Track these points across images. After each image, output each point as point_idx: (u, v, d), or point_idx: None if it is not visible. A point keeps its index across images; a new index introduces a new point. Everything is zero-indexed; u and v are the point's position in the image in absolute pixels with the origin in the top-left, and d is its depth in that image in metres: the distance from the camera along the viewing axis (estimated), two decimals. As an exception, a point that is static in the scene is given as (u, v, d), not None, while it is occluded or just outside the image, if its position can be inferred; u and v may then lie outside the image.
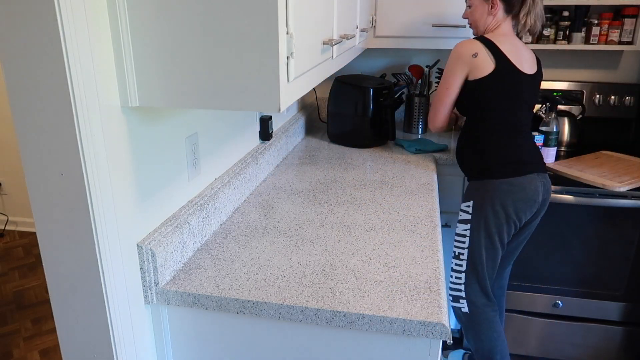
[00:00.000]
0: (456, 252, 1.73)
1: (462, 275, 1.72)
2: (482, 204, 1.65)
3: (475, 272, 1.70)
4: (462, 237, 1.70)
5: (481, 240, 1.67)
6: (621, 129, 2.43)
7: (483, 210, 1.65)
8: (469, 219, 1.67)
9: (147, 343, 1.16)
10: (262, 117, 1.81)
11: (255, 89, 0.90)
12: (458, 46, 1.64)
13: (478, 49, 1.60)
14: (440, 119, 1.74)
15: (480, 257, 1.69)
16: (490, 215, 1.64)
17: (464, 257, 1.70)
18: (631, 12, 2.19)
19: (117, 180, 0.99)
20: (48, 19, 0.80)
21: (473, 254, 1.69)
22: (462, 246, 1.70)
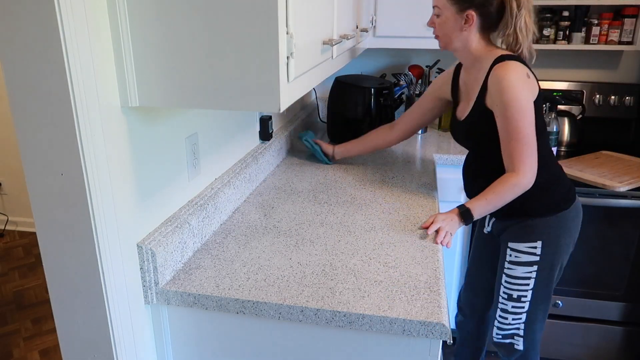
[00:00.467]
0: (514, 295, 1.51)
1: (523, 316, 1.53)
2: (556, 241, 1.46)
3: (543, 310, 1.54)
4: (523, 280, 1.49)
5: (553, 277, 1.50)
6: (621, 129, 2.43)
7: (558, 246, 1.46)
8: (536, 260, 1.46)
9: (147, 343, 1.16)
10: (262, 117, 1.81)
11: (255, 89, 0.90)
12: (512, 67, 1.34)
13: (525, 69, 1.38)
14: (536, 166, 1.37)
15: (550, 294, 1.52)
16: (564, 249, 1.48)
17: (526, 299, 1.50)
18: (631, 12, 2.19)
19: (117, 180, 0.99)
20: (48, 19, 0.80)
21: (541, 293, 1.50)
22: (525, 288, 1.49)
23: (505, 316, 1.56)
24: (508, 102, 1.32)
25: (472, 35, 1.42)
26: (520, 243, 1.47)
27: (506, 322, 1.56)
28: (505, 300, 1.54)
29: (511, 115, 1.32)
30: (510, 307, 1.53)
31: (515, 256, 1.49)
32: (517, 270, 1.49)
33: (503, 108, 1.33)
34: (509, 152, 1.36)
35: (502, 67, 1.35)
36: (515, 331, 1.56)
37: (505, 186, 1.37)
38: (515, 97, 1.31)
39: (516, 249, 1.48)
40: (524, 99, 1.32)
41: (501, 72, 1.34)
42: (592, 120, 2.41)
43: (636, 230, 2.02)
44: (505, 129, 1.35)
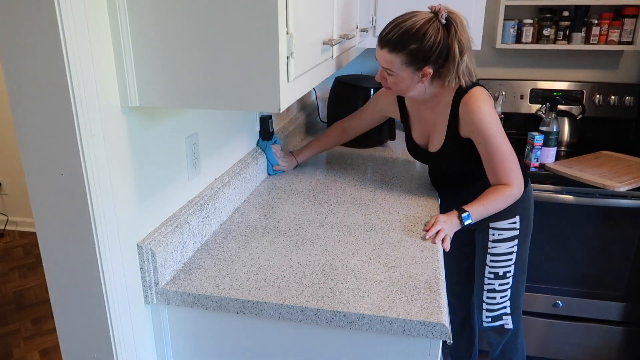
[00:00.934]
0: (500, 272, 1.62)
1: (508, 292, 1.64)
2: (527, 214, 1.61)
3: (522, 282, 1.65)
4: (507, 255, 1.61)
5: (527, 249, 1.63)
6: (621, 129, 2.43)
7: (529, 218, 1.62)
8: (517, 234, 1.59)
9: (147, 343, 1.16)
10: (262, 117, 1.81)
11: (255, 89, 0.90)
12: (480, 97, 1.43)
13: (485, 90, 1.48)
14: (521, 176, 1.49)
15: (525, 265, 1.64)
16: (532, 220, 1.63)
17: (510, 275, 1.62)
18: (631, 12, 2.19)
19: (117, 180, 0.99)
20: (48, 19, 0.80)
21: (521, 264, 1.63)
22: (509, 264, 1.61)
23: (493, 296, 1.65)
24: (487, 130, 1.42)
25: (429, 83, 1.47)
26: (502, 221, 1.58)
27: (494, 301, 1.65)
28: (491, 280, 1.64)
29: (492, 141, 1.43)
30: (497, 285, 1.63)
31: (499, 234, 1.60)
32: (500, 247, 1.60)
33: (484, 136, 1.43)
34: (496, 171, 1.46)
35: (471, 98, 1.43)
36: (503, 310, 1.65)
37: (500, 196, 1.47)
38: (491, 123, 1.42)
39: (498, 227, 1.59)
40: (496, 121, 1.44)
41: (472, 103, 1.43)
42: (592, 120, 2.41)
43: (636, 230, 2.02)
44: (489, 153, 1.45)
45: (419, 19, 1.37)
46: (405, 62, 1.39)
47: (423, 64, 1.39)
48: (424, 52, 1.36)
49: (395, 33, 1.37)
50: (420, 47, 1.36)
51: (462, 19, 1.39)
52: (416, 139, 1.66)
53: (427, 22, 1.36)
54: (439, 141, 1.55)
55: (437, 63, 1.40)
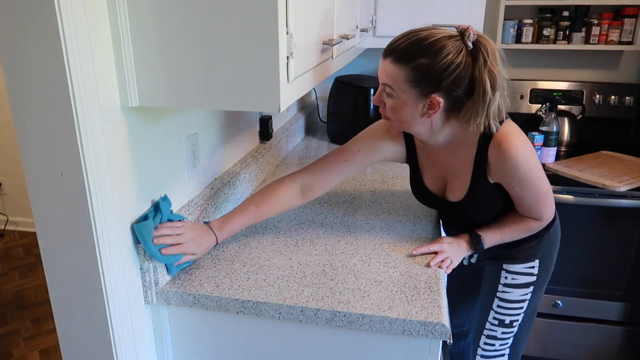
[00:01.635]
0: (506, 321, 1.42)
1: (510, 340, 1.46)
2: (549, 257, 1.40)
3: (527, 329, 1.47)
4: (519, 303, 1.40)
5: (541, 296, 1.43)
6: (621, 129, 2.43)
7: (551, 261, 1.41)
8: (534, 280, 1.38)
9: (147, 343, 1.16)
10: (262, 117, 1.81)
11: (255, 89, 0.90)
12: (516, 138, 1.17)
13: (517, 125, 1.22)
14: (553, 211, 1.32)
15: (535, 312, 1.45)
16: (553, 264, 1.43)
17: (517, 323, 1.42)
18: (631, 12, 2.19)
19: (117, 180, 0.99)
20: (48, 19, 0.80)
21: (529, 313, 1.43)
22: (519, 312, 1.41)
23: (492, 343, 1.46)
24: (525, 174, 1.19)
25: (437, 119, 1.16)
26: (519, 264, 1.37)
27: (492, 348, 1.47)
28: (494, 327, 1.44)
29: (529, 184, 1.21)
30: (500, 333, 1.44)
31: (512, 278, 1.38)
32: (513, 293, 1.39)
33: (520, 180, 1.20)
34: (529, 208, 1.27)
35: (504, 141, 1.16)
36: (500, 357, 1.49)
37: (523, 228, 1.30)
38: (530, 166, 1.18)
39: (513, 270, 1.38)
40: (534, 160, 1.21)
41: (507, 147, 1.15)
42: (592, 120, 2.41)
43: (636, 230, 2.02)
44: (524, 195, 1.24)
45: (439, 32, 1.10)
46: (411, 79, 1.10)
47: (432, 89, 1.10)
48: (435, 72, 1.08)
49: (404, 41, 1.11)
50: (432, 64, 1.07)
51: (494, 48, 1.11)
52: (429, 185, 1.36)
53: (448, 37, 1.09)
54: (462, 189, 1.27)
55: (450, 94, 1.10)
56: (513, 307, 1.41)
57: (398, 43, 1.12)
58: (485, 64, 1.09)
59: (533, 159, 1.20)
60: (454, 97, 1.11)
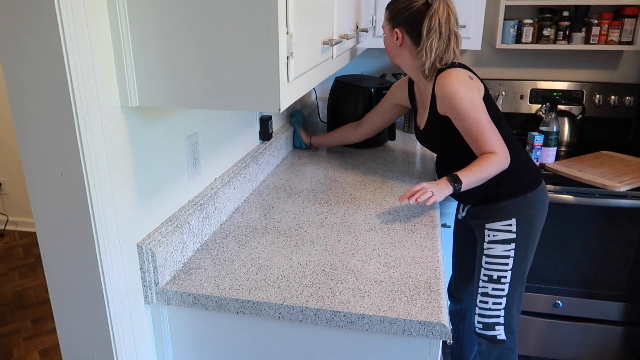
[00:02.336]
0: (494, 276, 1.57)
1: (503, 300, 1.58)
2: (529, 219, 1.54)
3: (519, 294, 1.59)
4: (503, 259, 1.55)
5: (528, 258, 1.57)
6: (621, 129, 2.43)
7: (531, 224, 1.55)
8: (513, 237, 1.53)
9: (147, 343, 1.16)
10: (262, 117, 1.81)
11: (255, 89, 0.90)
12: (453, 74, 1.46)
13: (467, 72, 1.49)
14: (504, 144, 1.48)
15: (525, 274, 1.58)
16: (537, 228, 1.56)
17: (506, 280, 1.56)
18: (631, 12, 2.19)
19: (117, 180, 0.99)
20: (48, 19, 0.80)
21: (519, 273, 1.56)
22: (505, 268, 1.56)
23: (486, 300, 1.60)
24: (458, 103, 1.44)
25: (408, 53, 1.54)
26: (497, 222, 1.55)
27: (487, 306, 1.61)
28: (485, 283, 1.59)
29: (465, 114, 1.44)
30: (491, 289, 1.59)
31: (494, 235, 1.56)
32: (496, 249, 1.56)
33: (456, 110, 1.45)
34: (476, 142, 1.46)
35: (445, 75, 1.47)
36: (496, 319, 1.60)
37: (486, 161, 1.45)
38: (462, 97, 1.43)
39: (493, 228, 1.56)
40: (471, 97, 1.45)
41: (445, 80, 1.46)
42: (592, 120, 2.41)
43: (636, 230, 2.02)
44: (465, 127, 1.46)
45: None
46: (386, 18, 1.54)
47: (395, 23, 1.51)
48: (396, 11, 1.50)
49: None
50: (396, 5, 1.50)
51: (450, 6, 1.46)
52: (418, 121, 1.70)
53: None
54: (424, 118, 1.61)
55: (407, 29, 1.49)
56: (498, 262, 1.57)
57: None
58: (434, 13, 1.44)
59: (468, 92, 1.45)
60: (410, 33, 1.50)
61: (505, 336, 1.61)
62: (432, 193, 1.41)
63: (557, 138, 2.17)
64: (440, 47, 1.46)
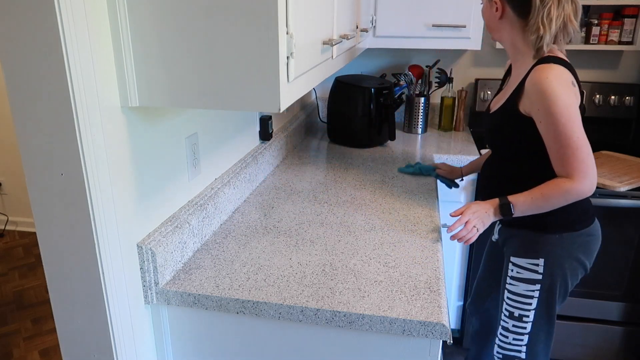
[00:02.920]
0: (515, 314, 1.43)
1: (525, 337, 1.44)
2: (560, 262, 1.35)
3: (546, 333, 1.44)
4: (525, 298, 1.40)
5: (556, 300, 1.40)
6: (621, 129, 2.43)
7: (561, 268, 1.36)
8: (539, 279, 1.37)
9: (147, 343, 1.16)
10: (262, 117, 1.81)
11: (255, 89, 0.90)
12: (554, 71, 1.22)
13: (571, 77, 1.25)
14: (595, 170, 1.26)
15: (554, 317, 1.42)
16: (569, 273, 1.37)
17: (528, 320, 1.42)
18: (631, 12, 2.19)
19: (117, 180, 0.99)
20: (48, 19, 0.80)
21: (544, 314, 1.41)
22: (527, 307, 1.41)
23: (506, 335, 1.47)
24: (552, 107, 1.19)
25: (510, 27, 1.33)
26: (522, 258, 1.39)
27: (507, 340, 1.48)
28: (506, 318, 1.46)
29: (557, 121, 1.20)
30: (511, 325, 1.45)
31: (517, 272, 1.40)
32: (519, 286, 1.41)
33: (547, 114, 1.21)
34: (560, 159, 1.24)
35: (543, 69, 1.22)
36: (516, 353, 1.48)
37: (556, 190, 1.25)
38: (560, 100, 1.19)
39: (518, 264, 1.40)
40: (569, 103, 1.20)
41: (542, 74, 1.21)
42: (592, 120, 2.41)
43: (636, 230, 2.02)
44: (553, 136, 1.23)
45: None
46: None
47: None
48: None
49: None
50: None
51: None
52: (493, 102, 1.48)
53: None
54: (499, 104, 1.39)
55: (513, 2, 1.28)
56: (520, 300, 1.42)
57: None
58: None
59: (565, 99, 1.19)
60: (513, 3, 1.28)
61: None
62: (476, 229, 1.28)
63: (557, 138, 2.17)
64: (560, 16, 1.23)
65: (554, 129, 1.21)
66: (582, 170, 1.23)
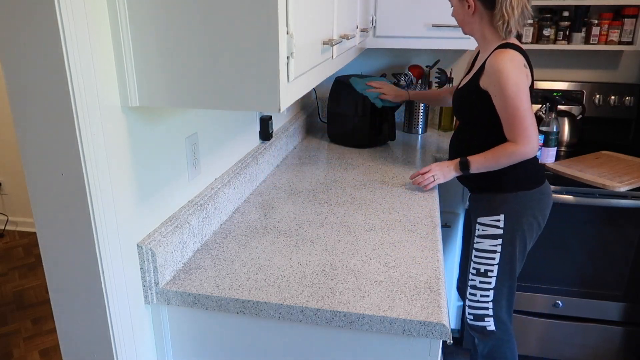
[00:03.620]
0: (481, 269, 1.62)
1: (490, 293, 1.62)
2: (517, 217, 1.56)
3: (508, 288, 1.62)
4: (489, 253, 1.60)
5: (516, 255, 1.59)
6: (621, 129, 2.43)
7: (519, 223, 1.56)
8: (500, 233, 1.57)
9: (147, 343, 1.16)
10: (262, 117, 1.81)
11: (255, 89, 0.90)
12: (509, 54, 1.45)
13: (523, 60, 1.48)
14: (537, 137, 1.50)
15: (514, 271, 1.61)
16: (526, 227, 1.57)
17: (492, 274, 1.60)
18: (631, 12, 2.19)
19: (117, 180, 0.99)
20: (48, 19, 0.80)
21: (506, 269, 1.59)
22: (491, 262, 1.60)
23: (474, 292, 1.65)
24: (504, 83, 1.43)
25: (479, 19, 1.52)
26: (486, 217, 1.59)
27: (475, 298, 1.65)
28: (474, 276, 1.64)
29: (508, 95, 1.44)
30: (478, 282, 1.63)
31: (483, 229, 1.60)
32: (484, 243, 1.60)
33: (500, 89, 1.45)
34: (509, 126, 1.48)
35: (501, 52, 1.46)
36: (484, 311, 1.64)
37: (503, 151, 1.49)
38: (510, 78, 1.43)
39: (483, 222, 1.60)
40: (519, 81, 1.44)
41: (499, 57, 1.45)
42: (592, 120, 2.41)
43: (636, 230, 2.02)
44: (504, 107, 1.46)
45: None
46: None
47: None
48: None
49: None
50: None
51: None
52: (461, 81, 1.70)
53: None
54: (464, 82, 1.62)
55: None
56: (485, 256, 1.61)
57: None
58: None
59: (515, 77, 1.43)
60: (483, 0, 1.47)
61: (495, 327, 1.65)
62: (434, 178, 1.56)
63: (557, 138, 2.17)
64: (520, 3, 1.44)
65: (504, 101, 1.46)
66: (526, 136, 1.47)
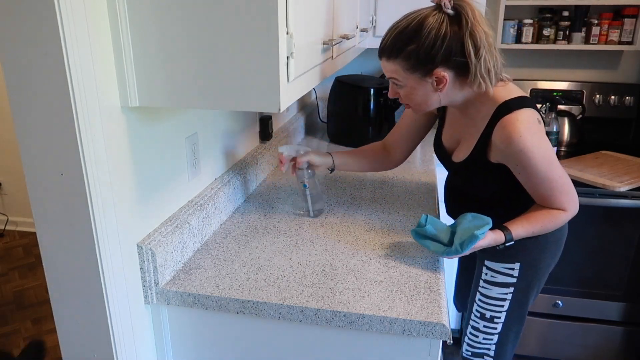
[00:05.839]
0: (487, 315, 1.43)
1: (495, 337, 1.45)
2: (536, 264, 1.38)
3: (515, 333, 1.46)
4: (498, 301, 1.41)
5: (529, 299, 1.42)
6: (621, 129, 2.43)
7: (537, 270, 1.38)
8: (513, 282, 1.37)
9: (147, 343, 1.16)
10: (262, 117, 1.81)
11: (255, 89, 0.90)
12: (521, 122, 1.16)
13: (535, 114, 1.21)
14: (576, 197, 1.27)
15: (524, 316, 1.44)
16: (543, 272, 1.40)
17: (499, 321, 1.43)
18: (631, 12, 2.19)
19: (117, 180, 0.99)
20: (48, 19, 0.80)
21: (514, 315, 1.42)
22: (499, 310, 1.41)
23: (476, 334, 1.48)
24: (532, 164, 1.18)
25: (452, 89, 1.20)
26: (498, 263, 1.38)
27: (476, 340, 1.48)
28: (477, 319, 1.46)
29: (538, 171, 1.19)
30: (482, 326, 1.46)
31: (492, 276, 1.40)
32: (492, 290, 1.41)
33: (526, 169, 1.19)
34: (547, 198, 1.24)
35: (511, 124, 1.16)
36: (485, 351, 1.48)
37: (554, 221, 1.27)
38: (535, 155, 1.17)
39: (493, 268, 1.39)
40: (545, 151, 1.19)
41: (510, 129, 1.16)
42: (592, 120, 2.41)
43: (636, 230, 2.02)
44: (535, 183, 1.22)
45: (416, 16, 1.16)
46: (408, 67, 1.16)
47: (431, 67, 1.14)
48: (425, 52, 1.13)
49: (389, 37, 1.18)
50: (420, 46, 1.13)
51: (474, 8, 1.13)
52: (444, 140, 1.43)
53: (426, 17, 1.14)
54: (465, 153, 1.31)
55: (450, 64, 1.14)
56: (492, 303, 1.42)
57: (385, 41, 1.20)
58: (467, 25, 1.12)
59: (540, 148, 1.18)
60: (455, 64, 1.15)
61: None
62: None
63: (557, 138, 2.17)
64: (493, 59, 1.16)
65: (535, 178, 1.21)
66: (570, 201, 1.26)
